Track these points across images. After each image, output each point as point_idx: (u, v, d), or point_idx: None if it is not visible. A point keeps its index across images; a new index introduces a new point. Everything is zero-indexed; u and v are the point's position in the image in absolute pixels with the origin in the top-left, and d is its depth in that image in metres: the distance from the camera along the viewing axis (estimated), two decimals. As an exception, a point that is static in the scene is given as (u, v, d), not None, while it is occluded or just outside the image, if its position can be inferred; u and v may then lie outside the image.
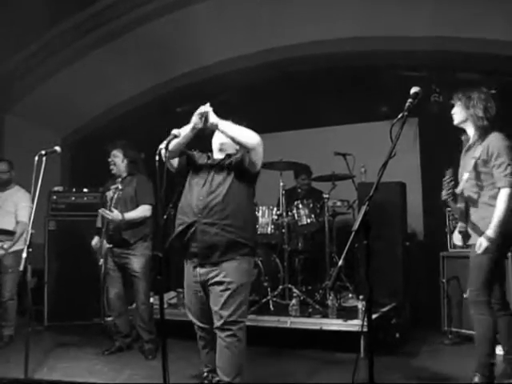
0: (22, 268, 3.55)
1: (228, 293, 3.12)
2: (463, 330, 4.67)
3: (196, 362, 3.70)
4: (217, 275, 3.14)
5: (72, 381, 3.87)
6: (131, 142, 4.87)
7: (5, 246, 4.99)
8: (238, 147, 3.31)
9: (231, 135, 3.16)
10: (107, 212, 4.41)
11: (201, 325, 3.32)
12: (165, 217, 5.07)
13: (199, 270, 3.21)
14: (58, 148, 3.94)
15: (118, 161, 4.67)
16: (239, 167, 3.26)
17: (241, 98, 6.78)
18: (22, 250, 3.63)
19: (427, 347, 4.64)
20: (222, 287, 3.13)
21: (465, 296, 4.65)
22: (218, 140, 3.42)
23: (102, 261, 4.60)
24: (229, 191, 3.19)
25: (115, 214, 4.39)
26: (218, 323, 3.13)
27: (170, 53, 6.28)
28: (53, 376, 3.91)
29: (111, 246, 4.55)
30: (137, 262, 4.53)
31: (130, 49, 6.28)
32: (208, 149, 3.48)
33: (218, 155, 3.42)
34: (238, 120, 3.26)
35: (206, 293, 3.22)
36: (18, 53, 6.31)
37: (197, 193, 3.23)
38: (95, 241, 4.80)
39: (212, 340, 3.29)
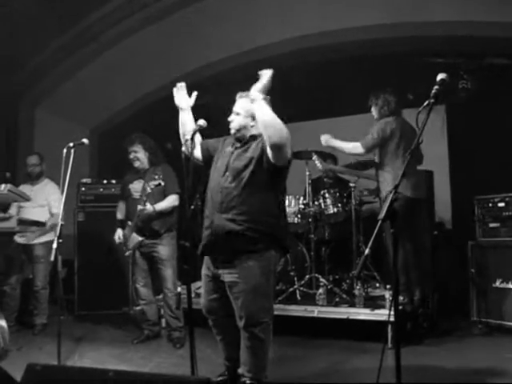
0: (52, 258, 3.62)
1: (245, 295, 2.98)
2: (492, 320, 4.60)
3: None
4: (232, 274, 3.01)
5: (102, 368, 3.95)
6: (152, 132, 4.89)
7: (36, 241, 5.12)
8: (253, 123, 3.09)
9: (261, 119, 2.89)
10: (141, 207, 4.44)
11: (207, 315, 3.27)
12: (192, 207, 5.11)
13: (213, 264, 3.12)
14: (85, 140, 3.99)
15: (141, 155, 4.69)
16: (262, 154, 2.99)
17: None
18: (52, 241, 3.69)
19: (456, 337, 4.58)
20: (237, 289, 3.00)
21: (494, 285, 4.60)
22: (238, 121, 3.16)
23: (129, 252, 4.66)
24: (249, 181, 2.98)
25: (148, 207, 4.46)
26: (239, 323, 3.04)
27: (192, 44, 6.30)
28: (84, 362, 3.99)
29: (143, 238, 4.58)
30: (163, 250, 4.59)
31: (152, 40, 6.30)
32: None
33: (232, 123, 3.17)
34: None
35: (218, 286, 3.12)
36: (45, 48, 6.39)
37: (216, 183, 3.09)
38: (118, 234, 4.76)
39: (223, 330, 3.26)
